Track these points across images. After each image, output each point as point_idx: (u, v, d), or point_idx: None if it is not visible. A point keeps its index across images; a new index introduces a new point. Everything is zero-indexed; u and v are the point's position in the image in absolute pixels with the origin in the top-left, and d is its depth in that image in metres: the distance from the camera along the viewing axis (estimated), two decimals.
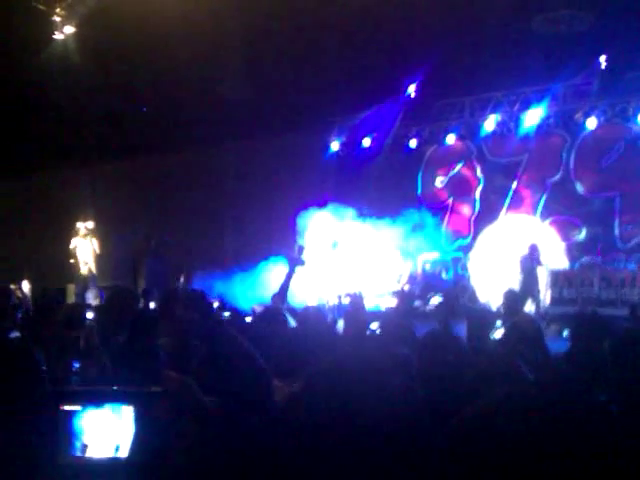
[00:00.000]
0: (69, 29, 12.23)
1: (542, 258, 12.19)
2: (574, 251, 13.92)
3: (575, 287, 12.32)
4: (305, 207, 14.99)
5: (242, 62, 12.56)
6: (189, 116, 15.45)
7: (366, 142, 16.42)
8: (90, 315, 6.58)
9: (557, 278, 12.63)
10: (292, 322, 6.23)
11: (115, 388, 1.60)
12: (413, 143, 16.02)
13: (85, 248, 14.45)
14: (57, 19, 12.12)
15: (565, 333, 5.26)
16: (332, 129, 16.59)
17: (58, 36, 12.27)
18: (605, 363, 3.36)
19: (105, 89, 14.16)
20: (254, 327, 6.05)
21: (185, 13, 10.90)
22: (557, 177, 14.66)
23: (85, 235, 14.45)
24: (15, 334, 4.32)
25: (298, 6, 11.26)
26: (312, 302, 11.49)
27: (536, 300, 11.67)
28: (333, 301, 12.10)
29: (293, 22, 11.74)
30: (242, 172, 17.16)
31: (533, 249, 12.14)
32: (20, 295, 11.92)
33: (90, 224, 14.74)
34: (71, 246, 14.53)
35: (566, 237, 14.18)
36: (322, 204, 14.99)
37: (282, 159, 16.15)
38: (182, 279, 13.55)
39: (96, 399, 1.56)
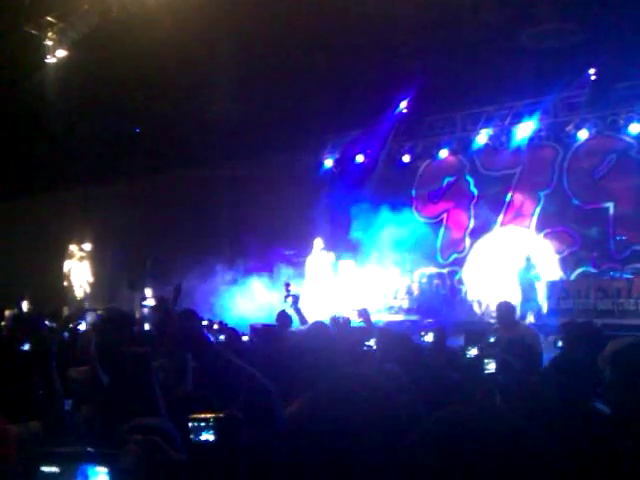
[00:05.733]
0: (61, 53, 12.27)
1: (539, 269, 12.22)
2: (569, 262, 13.94)
3: (571, 298, 12.31)
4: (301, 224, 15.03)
5: (235, 82, 12.61)
6: (183, 136, 15.50)
7: (360, 158, 16.47)
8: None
9: (553, 289, 12.63)
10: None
11: (89, 449, 1.65)
12: (406, 158, 16.09)
13: (79, 271, 14.40)
14: (49, 43, 12.17)
15: (559, 343, 5.26)
16: (326, 146, 16.66)
17: (50, 60, 12.31)
18: (597, 370, 3.36)
19: (98, 111, 14.21)
20: (253, 346, 6.04)
21: (177, 36, 10.96)
22: (550, 189, 14.72)
23: (80, 258, 14.41)
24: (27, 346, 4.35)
25: (290, 26, 11.34)
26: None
27: (535, 311, 11.70)
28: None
29: (285, 42, 11.81)
30: (237, 190, 17.20)
31: (529, 260, 12.19)
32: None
33: (86, 246, 14.70)
34: (65, 269, 14.48)
35: (561, 248, 14.21)
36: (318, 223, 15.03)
37: (277, 177, 16.21)
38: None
39: (71, 460, 1.62)
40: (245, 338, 6.79)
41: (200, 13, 10.51)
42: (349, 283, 14.06)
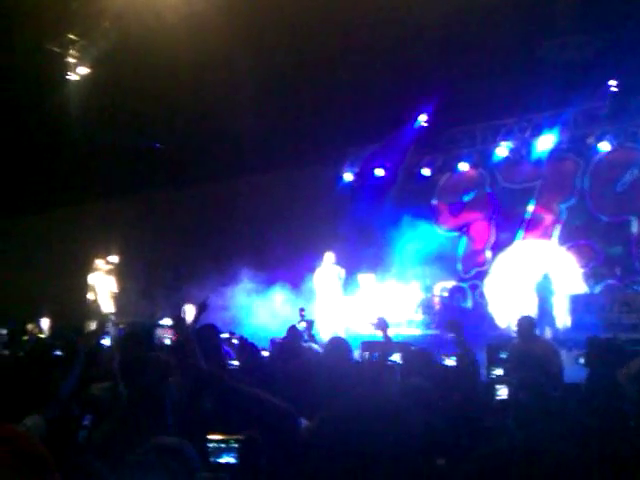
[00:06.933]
0: (82, 69, 12.41)
1: (557, 284, 12.09)
2: (592, 276, 13.78)
3: (595, 312, 12.14)
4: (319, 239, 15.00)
5: (254, 96, 12.66)
6: (203, 151, 15.60)
7: (379, 172, 16.45)
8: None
9: (577, 303, 12.48)
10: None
11: None
12: (426, 171, 16.05)
13: (105, 284, 14.42)
14: (71, 60, 12.32)
15: (582, 360, 5.19)
16: (345, 160, 16.66)
17: (72, 76, 12.45)
18: (618, 386, 3.31)
19: (119, 127, 14.36)
20: (273, 361, 6.02)
21: (196, 51, 11.05)
22: (572, 202, 14.60)
23: (106, 271, 14.42)
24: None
25: (309, 39, 11.39)
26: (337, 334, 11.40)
27: (553, 326, 11.56)
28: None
29: (304, 55, 11.86)
30: (260, 203, 17.22)
31: (547, 274, 12.09)
32: (37, 332, 11.99)
33: (112, 259, 14.70)
34: (89, 282, 14.51)
35: (584, 262, 14.06)
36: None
37: (296, 191, 16.23)
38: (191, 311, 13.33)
39: None
40: (265, 353, 6.77)
41: (219, 28, 10.58)
42: (369, 297, 13.99)
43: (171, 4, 10.65)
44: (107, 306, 14.30)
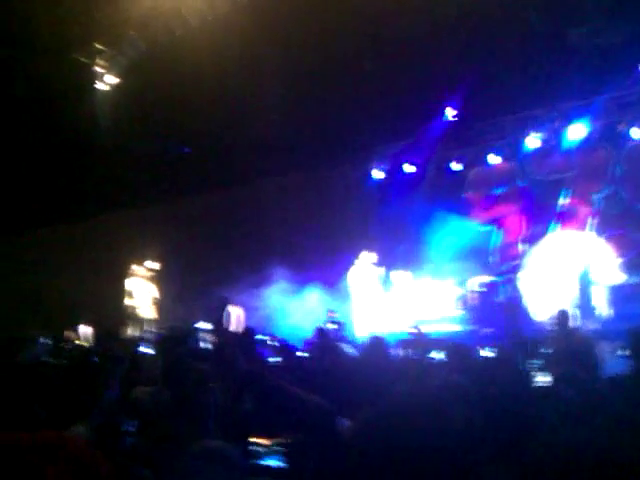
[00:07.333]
0: (110, 78, 12.57)
1: (596, 275, 11.90)
2: (632, 266, 13.51)
3: (637, 302, 11.90)
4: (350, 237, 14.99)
5: (282, 99, 12.70)
6: (233, 154, 15.69)
7: (409, 168, 16.36)
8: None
9: (617, 294, 12.26)
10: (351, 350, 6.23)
11: None
12: (456, 166, 15.93)
13: (144, 290, 14.54)
14: (98, 69, 12.49)
15: (625, 352, 5.11)
16: (374, 158, 16.61)
17: (99, 85, 12.62)
18: None
19: (148, 134, 14.51)
20: (311, 362, 6.04)
21: (222, 54, 11.12)
22: (606, 191, 14.37)
23: (145, 277, 14.55)
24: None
25: (334, 37, 11.39)
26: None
27: (593, 318, 11.40)
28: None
29: (330, 54, 11.86)
30: (289, 205, 17.26)
31: (587, 266, 11.91)
32: (78, 340, 12.16)
33: (151, 265, 14.83)
34: (128, 288, 14.64)
35: (623, 252, 13.80)
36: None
37: (326, 191, 16.24)
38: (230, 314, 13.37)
39: None
40: (301, 354, 6.79)
41: (244, 29, 10.66)
42: (405, 295, 13.93)
43: (194, 9, 10.76)
44: (148, 312, 14.43)
